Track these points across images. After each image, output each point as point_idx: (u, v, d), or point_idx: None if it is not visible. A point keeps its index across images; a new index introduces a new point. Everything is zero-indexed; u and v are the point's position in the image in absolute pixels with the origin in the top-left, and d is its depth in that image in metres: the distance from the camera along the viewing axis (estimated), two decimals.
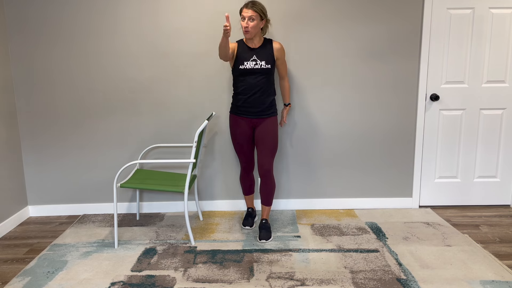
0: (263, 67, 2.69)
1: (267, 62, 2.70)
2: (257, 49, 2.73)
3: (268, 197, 2.86)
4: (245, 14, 2.61)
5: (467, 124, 3.29)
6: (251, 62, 2.70)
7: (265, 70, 2.70)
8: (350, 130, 3.28)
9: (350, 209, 3.38)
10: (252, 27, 2.62)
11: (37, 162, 3.28)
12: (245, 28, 2.62)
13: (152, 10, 3.09)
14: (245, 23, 2.62)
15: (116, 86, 3.19)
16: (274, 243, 2.76)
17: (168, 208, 3.38)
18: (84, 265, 2.50)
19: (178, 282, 2.28)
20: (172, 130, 3.27)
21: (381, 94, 3.23)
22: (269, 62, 2.71)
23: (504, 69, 3.20)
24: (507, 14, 3.12)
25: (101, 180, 3.33)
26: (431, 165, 3.35)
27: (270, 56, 2.72)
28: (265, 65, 2.70)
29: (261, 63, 2.70)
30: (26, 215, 3.31)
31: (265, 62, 2.70)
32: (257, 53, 2.72)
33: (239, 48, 2.76)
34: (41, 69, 3.15)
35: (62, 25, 3.10)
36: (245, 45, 2.75)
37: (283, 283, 2.25)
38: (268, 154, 2.77)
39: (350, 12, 3.11)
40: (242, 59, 2.71)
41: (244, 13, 2.61)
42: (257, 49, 2.73)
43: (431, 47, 3.17)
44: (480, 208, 3.37)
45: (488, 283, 2.22)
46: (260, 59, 2.70)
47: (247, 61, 2.70)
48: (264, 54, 2.71)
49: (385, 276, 2.32)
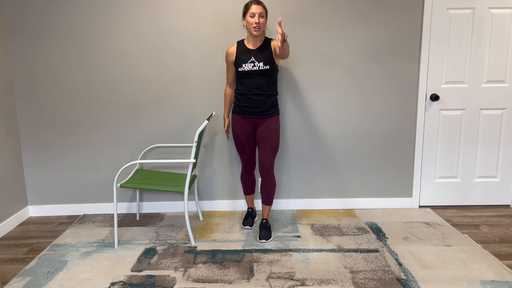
0: (261, 68, 2.68)
1: (265, 63, 2.68)
2: (255, 50, 2.71)
3: (269, 196, 2.86)
4: (255, 11, 2.59)
5: (467, 124, 3.29)
6: (249, 64, 2.69)
7: (264, 71, 2.68)
8: (350, 130, 3.28)
9: (350, 209, 3.38)
10: (263, 23, 2.62)
11: (37, 162, 3.28)
12: (256, 24, 2.60)
13: (152, 10, 3.09)
14: (257, 19, 2.59)
15: (116, 86, 3.19)
16: (274, 243, 2.76)
17: (168, 208, 3.38)
18: (84, 265, 2.50)
19: (178, 282, 2.28)
20: (172, 130, 3.26)
21: (381, 94, 3.23)
22: (267, 63, 2.68)
23: (504, 69, 3.20)
24: (507, 14, 3.12)
25: (101, 180, 3.33)
26: (431, 165, 3.35)
27: (269, 56, 2.69)
28: (263, 66, 2.68)
29: (259, 64, 2.68)
30: (26, 215, 3.31)
31: (263, 63, 2.68)
32: (255, 54, 2.70)
33: (238, 50, 2.75)
34: (41, 69, 3.15)
35: (62, 25, 3.10)
36: (244, 46, 2.74)
37: (283, 283, 2.25)
38: (269, 154, 2.77)
39: (350, 13, 3.11)
40: (241, 61, 2.71)
41: (254, 10, 2.59)
42: (255, 51, 2.71)
43: (431, 47, 3.17)
44: (480, 208, 3.37)
45: (488, 283, 2.22)
46: (258, 60, 2.68)
47: (245, 63, 2.69)
48: (262, 55, 2.69)
49: (385, 276, 2.32)
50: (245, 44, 2.75)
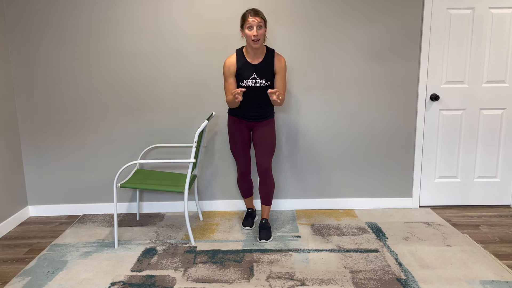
0: (262, 85, 2.64)
1: (267, 79, 2.63)
2: (257, 65, 2.62)
3: (268, 196, 2.86)
4: (252, 22, 2.46)
5: (467, 124, 3.29)
6: (251, 80, 2.62)
7: (265, 87, 2.66)
8: (350, 130, 3.28)
9: (350, 209, 3.38)
10: (261, 35, 2.51)
11: (37, 162, 3.28)
12: (254, 37, 2.47)
13: (153, 10, 3.09)
14: (255, 32, 2.46)
15: (116, 86, 3.19)
16: (274, 243, 2.76)
17: (168, 208, 3.38)
18: (84, 265, 2.50)
19: (178, 282, 2.28)
20: (172, 130, 3.27)
21: (381, 94, 3.23)
22: (269, 79, 2.65)
23: (504, 69, 3.20)
24: (507, 14, 3.12)
25: (101, 180, 3.33)
26: (431, 165, 3.35)
27: (270, 72, 2.64)
28: (264, 83, 2.64)
29: (261, 81, 2.63)
30: (26, 215, 3.31)
31: (265, 80, 2.63)
32: (257, 69, 2.61)
33: (238, 64, 2.63)
34: (41, 69, 3.15)
35: (62, 25, 3.10)
36: (245, 60, 2.63)
37: (283, 283, 2.25)
38: (266, 153, 2.77)
39: (350, 13, 3.11)
40: (242, 77, 2.63)
41: (251, 21, 2.46)
42: (257, 65, 2.62)
43: (431, 47, 3.17)
44: (480, 208, 3.37)
45: (488, 283, 2.22)
46: (260, 77, 2.62)
47: (247, 80, 2.62)
48: (265, 71, 2.62)
49: (385, 276, 2.32)
50: (245, 56, 2.64)
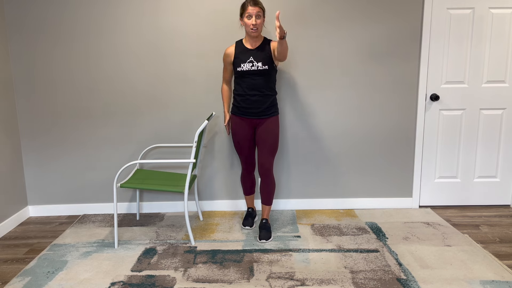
0: (259, 68, 2.67)
1: (263, 63, 2.68)
2: (254, 50, 2.71)
3: (268, 196, 2.86)
4: (252, 12, 2.56)
5: (467, 124, 3.29)
6: (247, 64, 2.68)
7: (262, 71, 2.68)
8: (350, 130, 3.28)
9: (350, 209, 3.38)
10: (260, 24, 2.61)
11: (37, 162, 3.28)
12: (253, 26, 2.59)
13: (152, 10, 3.09)
14: (253, 21, 2.58)
15: (116, 86, 3.19)
16: (274, 243, 2.76)
17: (168, 208, 3.38)
18: (84, 265, 2.50)
19: (178, 282, 2.28)
20: (172, 130, 3.27)
21: (381, 94, 3.23)
22: (266, 63, 2.68)
23: (504, 69, 3.20)
24: (507, 14, 3.12)
25: (101, 180, 3.33)
26: (431, 165, 3.35)
27: (267, 57, 2.69)
28: (261, 66, 2.67)
29: (258, 64, 2.67)
30: (26, 215, 3.31)
31: (261, 63, 2.67)
32: (253, 54, 2.69)
33: (236, 50, 2.74)
34: (41, 69, 3.15)
35: (62, 24, 3.10)
36: (242, 46, 2.74)
37: (283, 283, 2.25)
38: (268, 154, 2.77)
39: (350, 12, 3.11)
40: (239, 61, 2.70)
41: (250, 11, 2.56)
42: (254, 50, 2.70)
43: (431, 47, 3.17)
44: (480, 208, 3.37)
45: (488, 283, 2.22)
46: (256, 60, 2.68)
47: (243, 63, 2.69)
48: (261, 55, 2.69)
49: (385, 276, 2.32)
50: (244, 44, 2.74)
